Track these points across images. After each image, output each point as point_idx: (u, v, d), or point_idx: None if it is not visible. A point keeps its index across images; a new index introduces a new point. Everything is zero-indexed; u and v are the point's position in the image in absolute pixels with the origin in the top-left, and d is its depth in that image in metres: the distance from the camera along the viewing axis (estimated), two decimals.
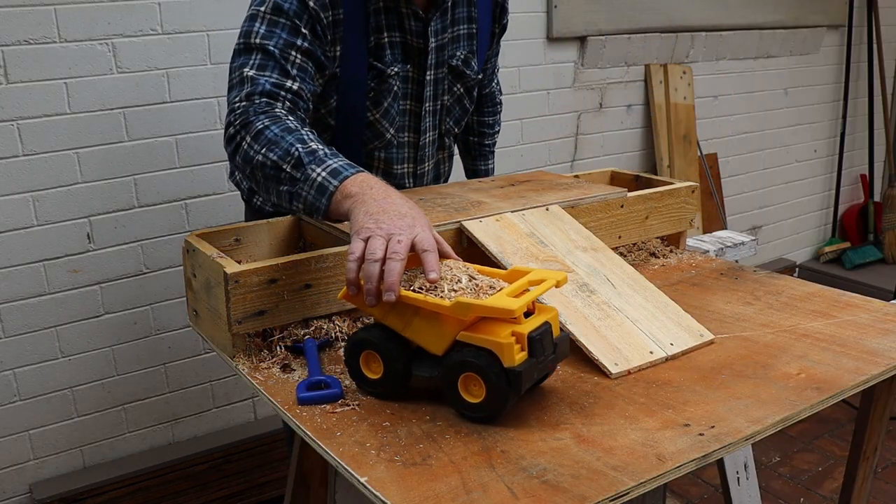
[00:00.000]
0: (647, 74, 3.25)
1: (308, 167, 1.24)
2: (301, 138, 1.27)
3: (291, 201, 1.27)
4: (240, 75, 1.39)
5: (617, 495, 0.87)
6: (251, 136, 1.30)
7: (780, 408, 1.05)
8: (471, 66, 1.65)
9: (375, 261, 1.04)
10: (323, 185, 1.22)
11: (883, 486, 2.60)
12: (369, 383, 1.09)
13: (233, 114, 1.35)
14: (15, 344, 2.12)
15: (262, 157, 1.27)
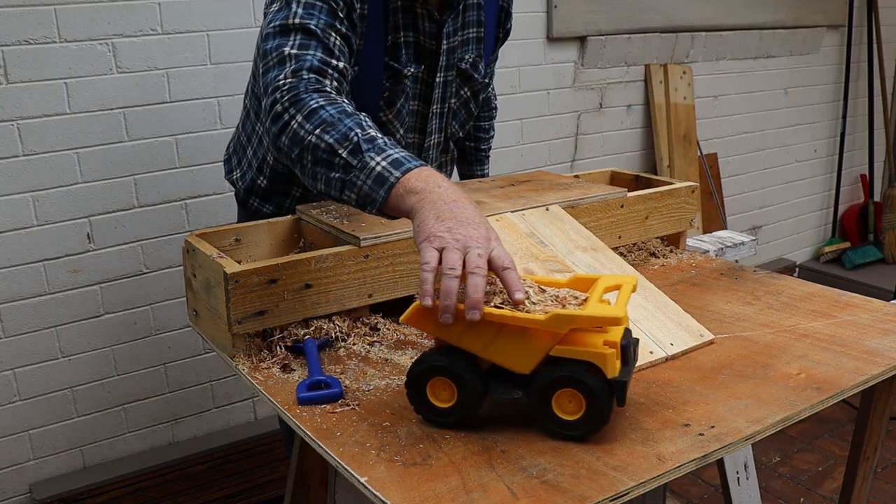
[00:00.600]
0: (647, 74, 3.25)
1: (367, 154, 1.12)
2: (359, 123, 1.16)
3: (343, 190, 1.15)
4: (279, 55, 1.28)
5: (617, 495, 0.87)
6: (303, 115, 1.19)
7: (780, 408, 1.05)
8: (479, 69, 1.63)
9: (456, 276, 0.95)
10: (382, 176, 1.10)
11: (883, 486, 2.60)
12: (439, 413, 1.00)
13: (278, 91, 1.23)
14: (15, 344, 2.12)
15: (316, 138, 1.16)
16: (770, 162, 3.85)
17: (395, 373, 1.18)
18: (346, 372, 1.18)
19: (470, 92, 1.66)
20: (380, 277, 1.31)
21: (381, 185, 1.10)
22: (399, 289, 1.34)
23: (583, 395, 0.95)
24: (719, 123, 3.57)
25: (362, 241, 1.29)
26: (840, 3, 3.84)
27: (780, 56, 3.72)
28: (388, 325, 1.33)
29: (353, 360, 1.22)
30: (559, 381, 0.95)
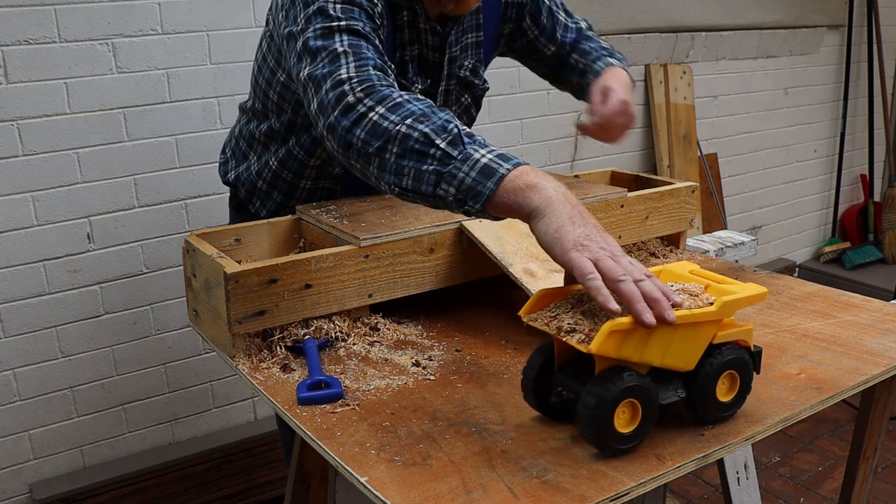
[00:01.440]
0: (647, 74, 3.25)
1: (469, 146, 1.02)
2: (451, 116, 1.07)
3: (438, 184, 1.03)
4: (331, 53, 1.18)
5: (617, 495, 0.87)
6: (385, 107, 1.08)
7: (780, 408, 1.05)
8: (478, 75, 1.61)
9: (635, 280, 0.89)
10: (489, 167, 1.00)
11: (883, 486, 2.60)
12: (623, 440, 0.92)
13: (346, 83, 1.12)
14: (15, 344, 2.12)
15: (406, 128, 1.05)
16: (770, 162, 3.85)
17: (395, 373, 1.18)
18: (346, 372, 1.18)
19: (471, 98, 1.64)
20: (380, 277, 1.31)
21: (488, 176, 0.99)
22: (399, 289, 1.34)
23: (739, 373, 0.99)
24: (719, 123, 3.57)
25: (362, 241, 1.29)
26: (840, 3, 3.84)
27: (779, 56, 3.72)
28: (388, 325, 1.33)
29: (353, 360, 1.22)
30: (725, 366, 0.98)
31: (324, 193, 1.60)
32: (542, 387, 1.00)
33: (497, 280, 1.40)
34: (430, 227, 1.36)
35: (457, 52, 1.54)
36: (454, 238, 1.38)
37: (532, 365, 1.00)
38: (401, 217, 1.41)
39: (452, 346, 1.27)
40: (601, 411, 0.89)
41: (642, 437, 0.94)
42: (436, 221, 1.38)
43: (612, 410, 0.90)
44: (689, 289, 1.00)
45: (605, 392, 0.89)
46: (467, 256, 1.40)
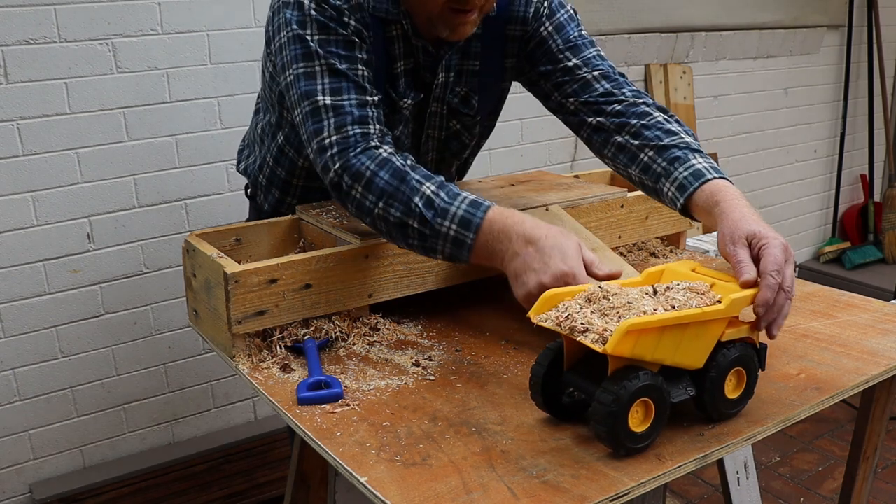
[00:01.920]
0: (648, 74, 3.25)
1: (433, 222, 1.18)
2: (412, 185, 1.19)
3: (427, 253, 1.23)
4: (313, 104, 1.27)
5: (617, 495, 0.87)
6: (362, 186, 1.22)
7: (780, 408, 1.05)
8: (469, 104, 1.52)
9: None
10: (458, 240, 1.18)
11: (883, 486, 2.60)
12: (637, 439, 0.93)
13: (326, 154, 1.25)
14: (15, 344, 2.12)
15: (382, 211, 1.21)
16: (770, 162, 3.85)
17: (395, 373, 1.18)
18: (346, 372, 1.18)
19: (460, 125, 1.55)
20: (380, 277, 1.31)
21: (460, 247, 1.19)
22: (399, 289, 1.34)
23: (745, 370, 1.01)
24: (719, 123, 3.57)
25: (362, 241, 1.29)
26: (840, 3, 3.84)
27: (780, 56, 3.72)
28: (388, 325, 1.33)
29: (353, 360, 1.22)
30: (734, 363, 0.99)
31: (317, 194, 1.59)
32: (550, 386, 1.00)
33: (497, 280, 1.40)
34: None
35: (452, 77, 1.48)
36: None
37: (541, 363, 1.00)
38: None
39: (452, 346, 1.27)
40: (617, 409, 0.90)
41: (654, 437, 0.95)
42: None
43: (627, 409, 0.90)
44: (695, 287, 1.00)
45: (621, 390, 0.89)
46: None
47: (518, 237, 1.14)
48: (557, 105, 1.50)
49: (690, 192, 1.26)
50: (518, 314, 1.37)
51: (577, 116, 1.46)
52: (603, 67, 1.45)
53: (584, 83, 1.44)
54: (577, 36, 1.49)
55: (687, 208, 1.29)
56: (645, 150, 1.35)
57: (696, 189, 1.26)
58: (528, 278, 1.11)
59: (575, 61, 1.46)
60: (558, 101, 1.49)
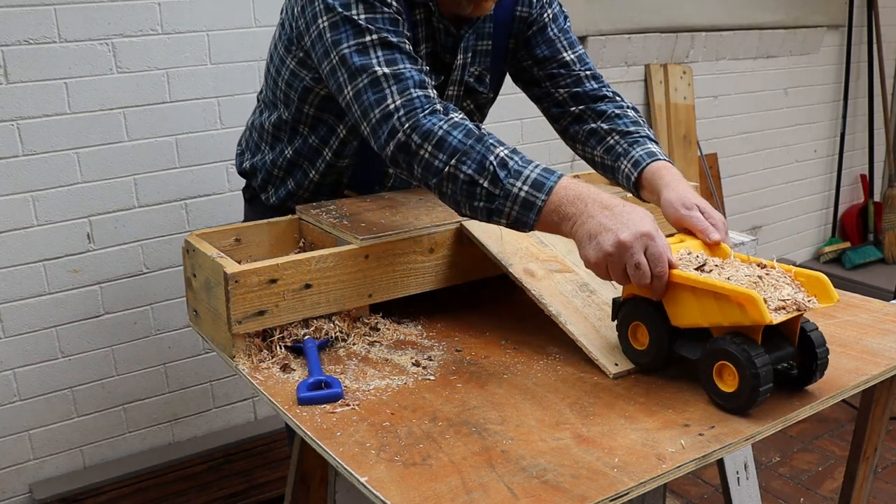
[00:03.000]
0: (647, 74, 3.25)
1: (506, 182, 1.18)
2: (488, 145, 1.20)
3: (491, 217, 1.21)
4: (371, 75, 1.26)
5: (617, 495, 0.87)
6: (432, 144, 1.20)
7: (780, 408, 1.05)
8: (483, 83, 1.57)
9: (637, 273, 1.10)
10: (528, 201, 1.17)
11: (883, 486, 2.60)
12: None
13: (393, 118, 1.23)
14: (15, 344, 2.12)
15: (453, 168, 1.20)
16: (770, 162, 3.85)
17: (395, 373, 1.18)
18: (346, 372, 1.18)
19: (473, 105, 1.60)
20: (380, 277, 1.31)
21: (529, 209, 1.17)
22: (399, 289, 1.34)
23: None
24: (719, 123, 3.57)
25: (362, 241, 1.29)
26: (840, 3, 3.84)
27: (780, 56, 3.71)
28: (388, 325, 1.33)
29: (353, 360, 1.22)
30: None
31: (330, 188, 1.61)
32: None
33: (497, 280, 1.40)
34: (430, 226, 1.36)
35: (469, 57, 1.52)
36: (454, 238, 1.38)
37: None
38: (401, 217, 1.41)
39: (452, 346, 1.28)
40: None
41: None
42: (436, 221, 1.38)
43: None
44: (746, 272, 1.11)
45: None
46: (467, 256, 1.40)
47: (594, 202, 1.14)
48: (545, 94, 1.58)
49: (643, 167, 1.40)
50: (518, 314, 1.38)
51: (561, 108, 1.57)
52: (591, 67, 1.58)
53: (577, 79, 1.55)
54: (568, 29, 1.60)
55: (638, 183, 1.42)
56: (612, 134, 1.50)
57: (648, 165, 1.40)
58: (605, 238, 1.10)
59: (571, 56, 1.56)
60: (547, 90, 1.58)
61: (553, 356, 1.22)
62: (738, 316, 1.02)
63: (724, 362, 1.04)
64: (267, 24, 2.29)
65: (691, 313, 1.08)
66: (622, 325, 1.18)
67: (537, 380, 1.15)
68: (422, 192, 1.59)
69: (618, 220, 1.11)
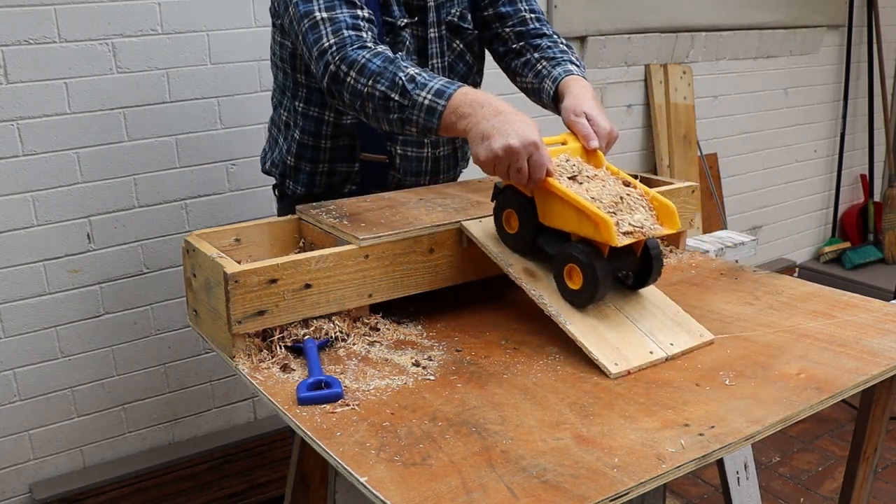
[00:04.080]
0: (647, 74, 3.25)
1: (413, 93, 1.33)
2: (400, 66, 1.36)
3: (404, 126, 1.37)
4: (311, 20, 1.44)
5: (617, 495, 0.87)
6: (356, 71, 1.38)
7: (780, 408, 1.06)
8: (466, 20, 1.69)
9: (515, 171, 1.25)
10: (431, 107, 1.32)
11: (883, 486, 2.60)
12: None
13: (329, 54, 1.40)
14: (15, 344, 2.12)
15: (371, 88, 1.36)
16: (770, 162, 3.85)
17: (395, 373, 1.18)
18: (346, 372, 1.18)
19: (462, 44, 1.70)
20: (380, 277, 1.31)
21: (432, 114, 1.33)
22: (399, 289, 1.34)
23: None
24: (719, 123, 3.57)
25: (362, 241, 1.29)
26: (840, 3, 3.84)
27: (779, 56, 3.71)
28: (388, 325, 1.33)
29: (353, 360, 1.22)
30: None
31: (345, 152, 1.68)
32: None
33: (497, 280, 1.40)
34: (430, 227, 1.36)
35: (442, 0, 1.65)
36: (454, 238, 1.38)
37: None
38: (401, 217, 1.41)
39: (452, 346, 1.28)
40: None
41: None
42: (436, 221, 1.38)
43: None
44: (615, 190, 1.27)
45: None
46: (467, 256, 1.40)
47: (489, 107, 1.29)
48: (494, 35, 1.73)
49: (559, 81, 1.57)
50: (518, 314, 1.38)
51: (506, 45, 1.72)
52: (536, 9, 1.73)
53: (523, 20, 1.70)
54: None
55: (556, 97, 1.56)
56: (541, 60, 1.66)
57: (563, 79, 1.56)
58: (496, 141, 1.24)
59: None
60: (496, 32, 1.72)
61: (553, 356, 1.22)
62: (593, 232, 1.20)
63: (573, 265, 1.23)
64: (267, 24, 2.29)
65: (556, 217, 1.26)
66: (499, 208, 1.35)
67: (537, 380, 1.15)
68: (422, 192, 1.60)
69: (509, 126, 1.25)
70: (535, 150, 1.24)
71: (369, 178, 1.70)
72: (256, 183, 2.34)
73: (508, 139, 1.23)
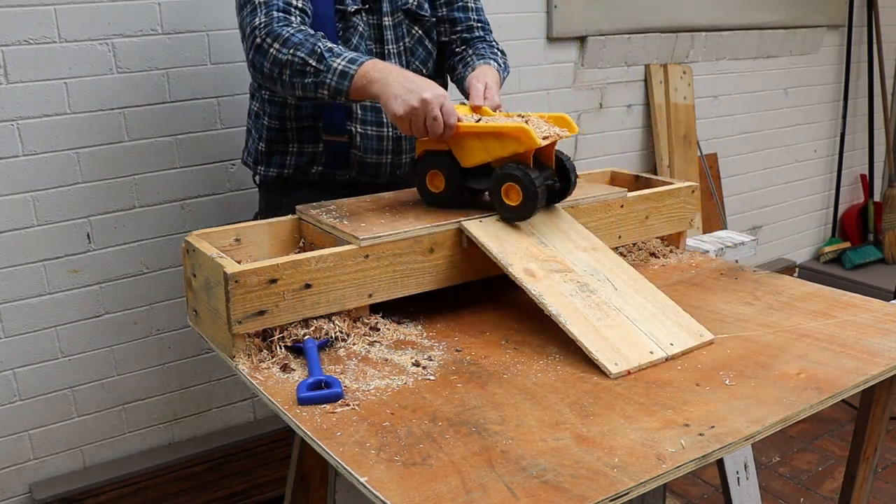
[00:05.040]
0: (647, 74, 3.25)
1: (328, 59, 1.49)
2: (320, 39, 1.52)
3: (317, 90, 1.51)
4: (251, 5, 1.61)
5: (617, 495, 0.87)
6: (279, 43, 1.53)
7: (780, 408, 1.06)
8: (424, 8, 1.81)
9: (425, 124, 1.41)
10: (344, 71, 1.48)
11: (883, 486, 2.60)
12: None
13: (257, 29, 1.57)
14: (15, 344, 2.12)
15: (291, 55, 1.51)
16: (770, 162, 3.85)
17: (395, 373, 1.18)
18: (346, 372, 1.18)
19: (421, 30, 1.81)
20: (380, 277, 1.31)
21: (344, 77, 1.48)
22: (399, 289, 1.34)
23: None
24: (719, 123, 3.57)
25: (362, 241, 1.29)
26: (840, 3, 3.84)
27: (780, 56, 3.71)
28: (388, 325, 1.33)
29: (353, 360, 1.22)
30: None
31: (309, 133, 1.78)
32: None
33: (497, 280, 1.40)
34: (430, 227, 1.36)
35: None
36: (454, 238, 1.38)
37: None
38: (401, 217, 1.41)
39: (452, 346, 1.28)
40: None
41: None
42: (436, 221, 1.38)
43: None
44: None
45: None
46: (467, 256, 1.40)
47: (397, 72, 1.46)
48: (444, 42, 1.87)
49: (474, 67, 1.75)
50: (518, 314, 1.38)
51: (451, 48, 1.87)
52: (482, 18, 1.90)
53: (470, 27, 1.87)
54: None
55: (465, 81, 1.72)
56: (472, 56, 1.83)
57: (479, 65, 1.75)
58: (411, 97, 1.39)
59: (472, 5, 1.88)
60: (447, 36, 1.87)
61: (553, 356, 1.22)
62: (515, 146, 1.36)
63: (510, 184, 1.38)
64: None
65: (477, 154, 1.41)
66: (420, 176, 1.48)
67: (537, 380, 1.15)
68: None
69: (419, 85, 1.41)
70: (444, 100, 1.40)
71: (333, 159, 1.79)
72: None
73: (422, 93, 1.39)
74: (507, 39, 2.73)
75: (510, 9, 2.78)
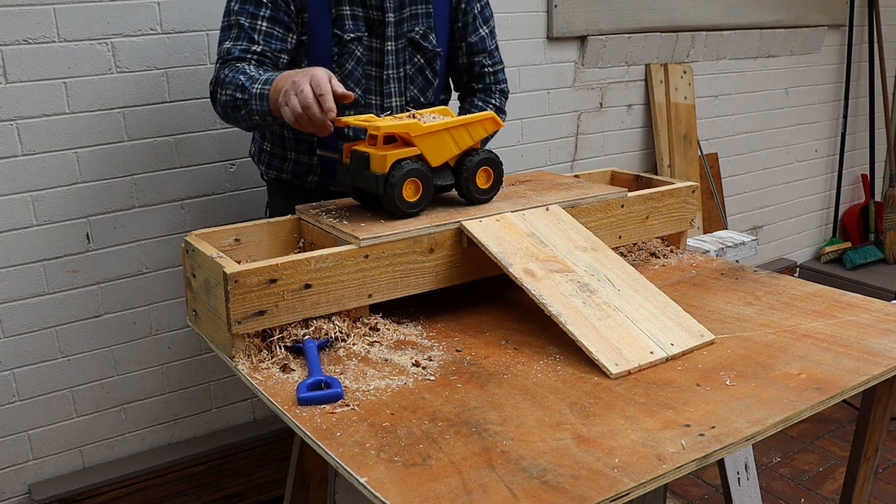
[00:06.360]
0: (648, 74, 3.24)
1: (250, 88, 1.57)
2: (246, 73, 1.60)
3: (251, 118, 1.59)
4: (218, 49, 1.71)
5: (617, 496, 0.87)
6: (220, 87, 1.64)
7: (781, 408, 1.05)
8: (429, 40, 1.82)
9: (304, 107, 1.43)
10: (262, 93, 1.55)
11: (884, 486, 2.60)
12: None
13: (211, 82, 1.69)
14: (15, 344, 2.12)
15: (227, 94, 1.62)
16: (770, 162, 3.84)
17: (395, 373, 1.17)
18: (346, 372, 1.18)
19: (424, 60, 1.83)
20: (380, 277, 1.31)
21: (263, 99, 1.55)
22: (399, 289, 1.34)
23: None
24: (719, 123, 3.56)
25: (362, 241, 1.29)
26: (841, 3, 3.83)
27: (780, 55, 3.71)
28: (388, 325, 1.33)
29: (353, 360, 1.22)
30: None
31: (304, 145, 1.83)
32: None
33: (497, 280, 1.40)
34: (430, 227, 1.36)
35: (406, 15, 1.77)
36: (454, 238, 1.38)
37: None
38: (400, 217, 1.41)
39: (452, 346, 1.27)
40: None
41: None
42: (436, 221, 1.38)
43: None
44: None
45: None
46: (467, 256, 1.40)
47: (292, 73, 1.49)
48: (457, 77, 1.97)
49: None
50: (518, 314, 1.38)
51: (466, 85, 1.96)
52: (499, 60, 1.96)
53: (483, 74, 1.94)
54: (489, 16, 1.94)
55: None
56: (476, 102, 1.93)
57: None
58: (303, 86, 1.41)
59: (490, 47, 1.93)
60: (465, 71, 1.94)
61: (553, 356, 1.22)
62: (482, 132, 1.47)
63: (485, 167, 1.48)
64: None
65: (448, 149, 1.45)
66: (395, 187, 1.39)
67: (537, 380, 1.15)
68: None
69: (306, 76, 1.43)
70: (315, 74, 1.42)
71: (327, 172, 1.85)
72: (256, 183, 2.34)
73: (294, 77, 1.44)
74: (507, 39, 2.73)
75: (510, 8, 2.78)
